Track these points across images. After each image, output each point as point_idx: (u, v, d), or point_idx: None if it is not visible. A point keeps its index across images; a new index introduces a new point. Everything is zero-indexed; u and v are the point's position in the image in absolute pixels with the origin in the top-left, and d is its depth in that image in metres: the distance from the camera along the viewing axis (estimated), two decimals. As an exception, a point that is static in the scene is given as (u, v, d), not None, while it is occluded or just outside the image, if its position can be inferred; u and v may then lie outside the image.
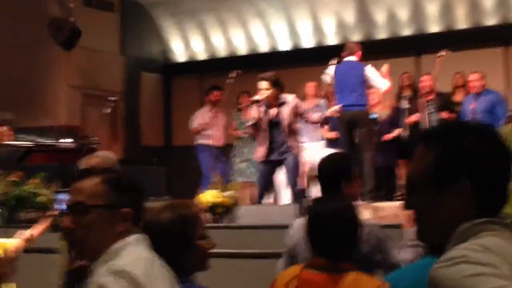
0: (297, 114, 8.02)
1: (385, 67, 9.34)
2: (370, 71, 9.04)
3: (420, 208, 1.57)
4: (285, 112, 7.92)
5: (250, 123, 8.21)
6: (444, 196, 1.52)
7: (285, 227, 6.96)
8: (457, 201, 1.51)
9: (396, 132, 10.18)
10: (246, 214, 7.23)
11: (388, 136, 10.13)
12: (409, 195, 1.62)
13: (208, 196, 7.28)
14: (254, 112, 8.05)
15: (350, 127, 9.08)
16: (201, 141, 11.30)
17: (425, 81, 9.92)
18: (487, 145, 1.54)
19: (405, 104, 10.63)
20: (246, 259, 6.31)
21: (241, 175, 10.91)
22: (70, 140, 10.35)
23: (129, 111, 13.74)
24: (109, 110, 9.45)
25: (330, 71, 9.33)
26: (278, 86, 7.99)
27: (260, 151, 8.11)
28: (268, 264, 6.48)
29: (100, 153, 4.19)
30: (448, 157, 1.52)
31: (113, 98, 9.63)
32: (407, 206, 1.63)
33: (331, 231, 3.07)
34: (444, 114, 9.70)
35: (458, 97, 10.39)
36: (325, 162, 4.01)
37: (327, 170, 3.94)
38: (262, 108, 7.98)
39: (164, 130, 14.90)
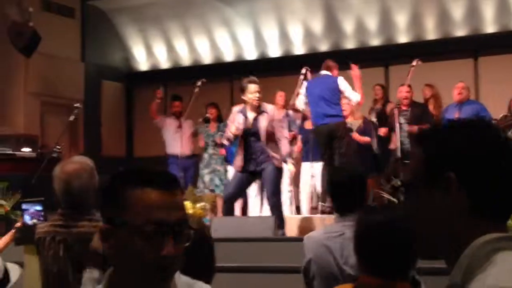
0: (273, 126, 7.75)
1: (355, 72, 9.11)
2: (342, 82, 8.90)
3: (414, 209, 1.53)
4: (264, 122, 7.67)
5: (225, 139, 8.15)
6: (434, 193, 1.48)
7: (263, 240, 6.75)
8: (446, 198, 1.46)
9: (367, 139, 9.96)
10: (221, 226, 6.90)
11: (362, 139, 9.88)
12: (405, 198, 1.60)
13: (180, 207, 6.93)
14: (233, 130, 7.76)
15: (329, 140, 8.85)
16: (169, 151, 11.00)
17: (403, 92, 9.66)
18: (479, 139, 1.49)
19: (373, 117, 10.48)
20: (222, 273, 5.99)
21: (206, 187, 10.63)
22: (29, 149, 9.95)
23: (89, 120, 13.30)
24: (73, 118, 9.05)
25: (302, 91, 9.17)
26: None
27: (237, 160, 7.88)
28: (246, 277, 6.20)
29: (77, 158, 3.84)
30: (436, 151, 1.51)
31: (77, 105, 9.24)
32: (404, 210, 1.64)
33: (390, 245, 2.61)
34: (413, 128, 9.46)
35: (430, 108, 10.25)
36: (345, 176, 3.74)
37: (351, 184, 3.67)
38: (241, 118, 7.70)
39: (125, 140, 14.50)
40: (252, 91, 7.66)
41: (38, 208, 5.75)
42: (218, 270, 6.18)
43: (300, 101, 9.28)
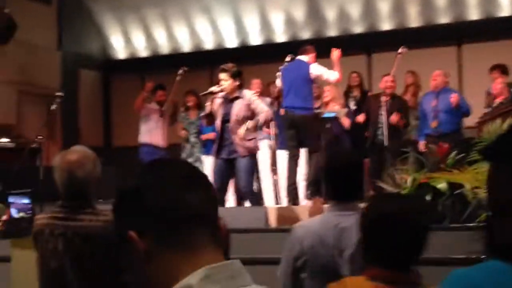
0: (250, 111, 7.54)
1: (335, 54, 8.95)
2: (314, 68, 8.73)
3: None
4: (236, 108, 7.48)
5: (203, 113, 7.93)
6: None
7: (250, 230, 6.59)
8: None
9: (362, 117, 9.72)
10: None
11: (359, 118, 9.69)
12: (503, 223, 1.44)
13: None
14: (208, 104, 7.65)
15: (294, 129, 8.72)
16: (145, 140, 10.71)
17: (388, 82, 9.50)
18: None
19: (352, 105, 10.35)
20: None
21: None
22: (6, 139, 9.67)
23: (66, 110, 12.96)
24: (54, 107, 8.79)
25: (279, 73, 9.02)
26: (237, 78, 7.56)
27: (213, 147, 7.78)
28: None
29: (78, 148, 3.66)
30: None
31: (59, 94, 8.97)
32: (506, 237, 1.43)
33: (404, 236, 2.53)
34: (394, 117, 9.32)
35: (407, 96, 10.16)
36: (343, 161, 3.54)
37: (349, 169, 3.49)
38: (219, 100, 7.54)
39: (103, 130, 14.23)
40: (219, 79, 7.57)
41: (25, 201, 5.53)
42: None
43: (278, 81, 9.15)
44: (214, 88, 7.60)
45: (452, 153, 6.18)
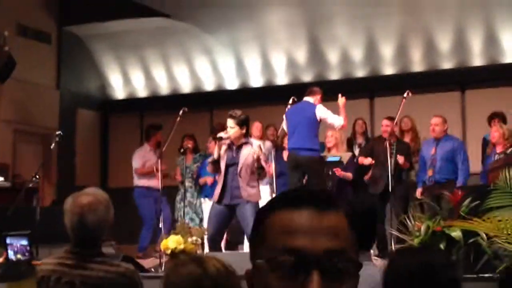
0: (256, 160, 7.44)
1: (341, 100, 8.91)
2: (320, 110, 8.68)
3: None
4: (244, 154, 7.39)
5: (210, 160, 7.83)
6: None
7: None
8: None
9: (349, 175, 9.60)
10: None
11: (345, 174, 9.54)
12: None
13: (171, 242, 6.51)
14: (216, 150, 7.54)
15: (298, 170, 8.60)
16: (142, 183, 10.52)
17: (387, 126, 9.39)
18: None
19: (357, 152, 10.23)
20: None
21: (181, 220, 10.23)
22: (1, 178, 9.49)
23: (63, 149, 12.76)
24: (53, 146, 8.62)
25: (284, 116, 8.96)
26: (244, 126, 7.50)
27: (216, 190, 7.64)
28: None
29: (91, 190, 3.46)
30: None
31: (58, 133, 8.81)
32: None
33: None
34: (400, 159, 9.21)
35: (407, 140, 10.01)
36: (356, 208, 3.39)
37: (362, 217, 3.33)
38: (224, 146, 7.43)
39: (100, 170, 14.02)
40: (227, 126, 7.53)
41: (24, 242, 5.32)
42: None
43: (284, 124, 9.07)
44: (222, 135, 7.53)
45: (465, 200, 6.01)
